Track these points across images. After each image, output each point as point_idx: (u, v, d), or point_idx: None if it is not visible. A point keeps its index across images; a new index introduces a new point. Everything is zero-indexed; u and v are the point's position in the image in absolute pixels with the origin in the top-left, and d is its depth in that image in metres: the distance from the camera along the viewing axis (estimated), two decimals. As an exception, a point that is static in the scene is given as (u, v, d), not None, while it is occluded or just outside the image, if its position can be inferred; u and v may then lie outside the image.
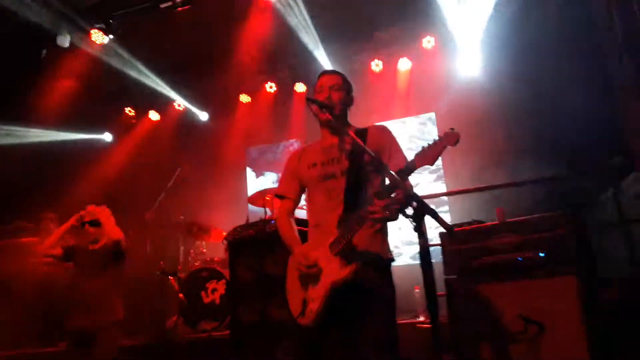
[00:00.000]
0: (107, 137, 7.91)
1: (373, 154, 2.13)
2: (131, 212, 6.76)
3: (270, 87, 7.10)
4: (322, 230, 2.32)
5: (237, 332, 3.81)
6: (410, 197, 1.81)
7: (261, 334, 3.60)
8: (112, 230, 3.86)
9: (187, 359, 4.20)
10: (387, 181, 2.06)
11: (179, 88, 7.26)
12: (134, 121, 7.59)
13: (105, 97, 7.19)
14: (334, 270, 2.20)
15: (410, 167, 1.99)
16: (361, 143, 2.26)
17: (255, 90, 7.23)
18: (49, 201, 6.53)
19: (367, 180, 2.36)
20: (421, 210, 1.76)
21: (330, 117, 2.38)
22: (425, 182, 6.18)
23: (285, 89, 7.07)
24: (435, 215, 1.73)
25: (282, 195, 2.60)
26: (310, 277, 2.28)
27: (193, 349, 4.33)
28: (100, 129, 7.84)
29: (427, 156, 1.95)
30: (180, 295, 4.83)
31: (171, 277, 5.16)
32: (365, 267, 2.21)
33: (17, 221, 5.98)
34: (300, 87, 6.95)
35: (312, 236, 2.46)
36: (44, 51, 5.92)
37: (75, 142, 7.48)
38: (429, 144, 1.96)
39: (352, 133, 2.33)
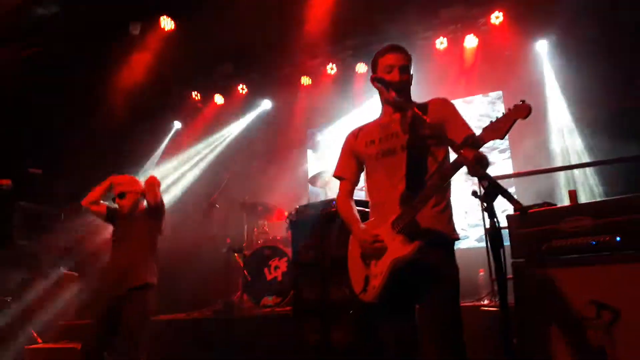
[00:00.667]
0: (177, 124, 8.20)
1: (435, 126, 2.08)
2: (199, 195, 7.10)
3: (332, 68, 7.08)
4: (384, 209, 2.30)
5: (298, 308, 3.90)
6: (480, 159, 1.74)
7: (321, 311, 3.66)
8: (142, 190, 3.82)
9: (251, 333, 4.35)
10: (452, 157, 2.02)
11: (242, 71, 7.41)
12: (200, 105, 7.85)
13: (172, 83, 7.45)
14: (396, 248, 2.18)
15: (478, 141, 1.93)
16: (422, 116, 2.22)
17: (316, 72, 7.24)
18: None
19: (429, 155, 2.31)
20: (492, 189, 1.70)
21: (395, 95, 2.35)
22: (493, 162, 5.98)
23: (346, 71, 7.03)
24: (507, 195, 1.67)
25: (340, 177, 2.60)
26: (372, 254, 2.28)
27: (257, 323, 4.49)
28: (170, 117, 8.13)
29: (496, 129, 1.88)
30: (245, 271, 5.00)
31: (236, 255, 5.35)
32: (429, 246, 2.18)
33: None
34: (361, 68, 6.88)
35: (373, 215, 2.45)
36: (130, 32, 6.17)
37: (146, 130, 7.83)
38: (497, 117, 1.89)
39: (414, 108, 2.29)
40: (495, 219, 1.72)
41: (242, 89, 7.57)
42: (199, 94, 7.84)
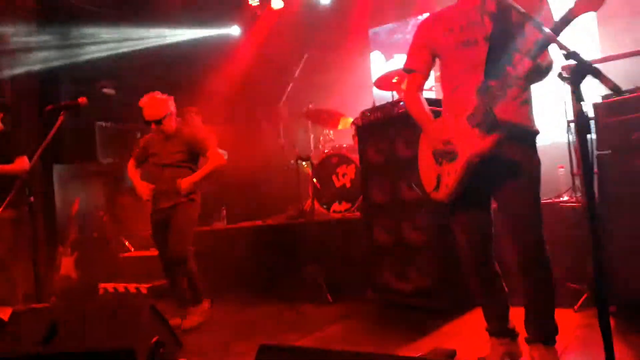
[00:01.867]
0: (235, 30, 8.07)
1: (522, 10, 1.85)
2: (263, 104, 7.11)
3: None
4: (459, 102, 2.15)
5: (369, 211, 3.93)
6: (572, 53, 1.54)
7: (391, 212, 3.67)
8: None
9: (324, 237, 4.50)
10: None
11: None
12: (258, 12, 7.61)
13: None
14: (472, 143, 2.06)
15: (569, 16, 1.70)
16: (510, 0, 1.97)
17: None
18: (188, 96, 7.08)
19: (513, 44, 2.09)
20: (581, 69, 1.51)
21: None
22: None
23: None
24: (598, 75, 1.48)
25: (410, 69, 2.42)
26: (445, 151, 2.18)
27: (329, 228, 4.62)
28: (227, 23, 7.99)
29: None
30: (314, 180, 5.06)
31: (304, 164, 5.41)
32: (509, 140, 2.05)
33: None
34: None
35: (447, 109, 2.31)
36: None
37: (205, 38, 7.78)
38: None
39: None
40: (581, 103, 1.54)
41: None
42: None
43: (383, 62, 6.96)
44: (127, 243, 5.65)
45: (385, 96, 5.26)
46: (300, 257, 4.57)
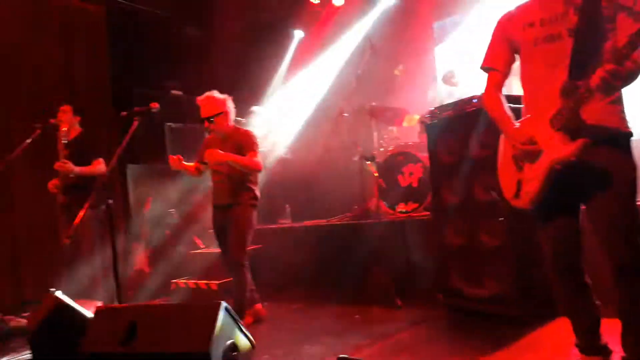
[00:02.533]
0: (299, 34, 8.08)
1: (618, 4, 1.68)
2: (325, 102, 7.09)
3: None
4: (541, 102, 2.00)
5: (439, 211, 3.80)
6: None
7: (464, 214, 3.52)
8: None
9: (390, 237, 4.41)
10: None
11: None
12: (319, 9, 7.59)
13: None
14: (555, 148, 1.91)
15: None
16: None
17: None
18: (253, 96, 7.21)
19: (603, 39, 1.91)
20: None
21: None
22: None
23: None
24: None
25: (489, 67, 2.28)
26: (526, 156, 2.03)
27: (395, 228, 4.52)
28: (290, 27, 8.02)
29: None
30: (379, 179, 4.97)
31: (369, 162, 5.32)
32: (597, 145, 1.88)
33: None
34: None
35: (527, 110, 2.16)
36: None
37: (269, 39, 7.85)
38: None
39: None
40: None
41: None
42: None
43: (444, 57, 6.73)
44: (197, 240, 5.81)
45: (453, 93, 5.08)
46: (365, 257, 4.50)
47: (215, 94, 3.90)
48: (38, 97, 5.72)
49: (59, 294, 3.16)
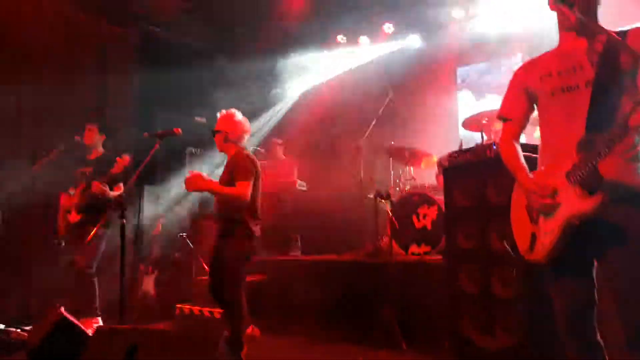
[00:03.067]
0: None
1: (635, 50, 1.67)
2: (344, 138, 7.13)
3: (485, -5, 6.36)
4: (558, 155, 1.98)
5: (453, 257, 3.73)
6: None
7: (478, 260, 3.45)
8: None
9: (401, 278, 4.32)
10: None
11: (387, 9, 7.06)
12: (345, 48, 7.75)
13: (317, 24, 7.39)
14: (572, 203, 1.87)
15: None
16: (621, 40, 1.80)
17: (468, 2, 6.59)
18: (274, 131, 7.32)
19: (623, 93, 1.89)
20: None
21: (580, 15, 1.94)
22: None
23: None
24: None
25: (506, 118, 2.28)
26: (542, 208, 1.99)
27: (407, 270, 4.44)
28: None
29: None
30: (392, 218, 4.93)
31: (383, 200, 5.30)
32: (615, 201, 1.83)
33: (254, 147, 6.86)
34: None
35: (543, 161, 2.13)
36: None
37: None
38: None
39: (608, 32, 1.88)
40: None
41: (388, 28, 7.25)
42: (344, 37, 7.72)
43: (473, 102, 6.77)
44: (205, 266, 5.79)
45: (474, 138, 5.07)
46: (373, 296, 4.42)
47: (233, 111, 3.77)
48: (71, 114, 5.90)
49: (62, 309, 3.16)
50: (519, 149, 2.23)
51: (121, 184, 4.53)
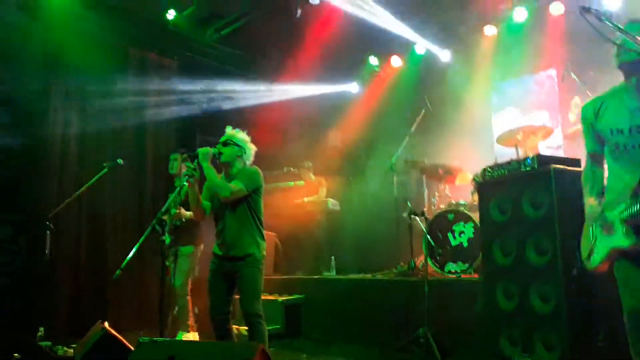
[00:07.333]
0: (354, 87, 8.38)
1: None
2: (378, 158, 7.15)
3: (520, 13, 6.34)
4: (617, 193, 2.15)
5: (490, 273, 3.66)
6: None
7: (515, 276, 3.38)
8: None
9: (439, 298, 4.25)
10: None
11: (419, 29, 7.12)
12: (377, 69, 7.84)
13: (349, 47, 7.51)
14: (618, 236, 2.08)
15: None
16: None
17: (501, 20, 6.59)
18: (305, 151, 7.40)
19: None
20: None
21: None
22: None
23: (537, 14, 6.24)
24: None
25: (588, 152, 2.39)
26: (598, 230, 2.20)
27: (444, 289, 4.38)
28: (348, 80, 8.34)
29: None
30: (428, 236, 4.88)
31: (418, 219, 5.26)
32: None
33: (287, 167, 6.94)
34: (556, 8, 6.02)
35: (607, 194, 2.28)
36: (299, 11, 6.44)
37: (325, 95, 8.15)
38: None
39: None
40: None
41: (419, 47, 7.31)
42: (376, 59, 7.81)
43: (501, 117, 6.71)
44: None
45: (509, 153, 5.00)
46: (409, 315, 4.37)
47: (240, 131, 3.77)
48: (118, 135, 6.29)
49: (105, 324, 3.27)
50: (599, 174, 2.35)
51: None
